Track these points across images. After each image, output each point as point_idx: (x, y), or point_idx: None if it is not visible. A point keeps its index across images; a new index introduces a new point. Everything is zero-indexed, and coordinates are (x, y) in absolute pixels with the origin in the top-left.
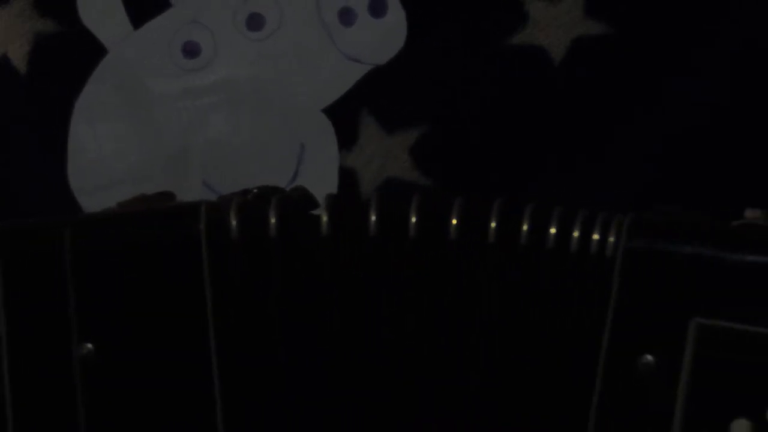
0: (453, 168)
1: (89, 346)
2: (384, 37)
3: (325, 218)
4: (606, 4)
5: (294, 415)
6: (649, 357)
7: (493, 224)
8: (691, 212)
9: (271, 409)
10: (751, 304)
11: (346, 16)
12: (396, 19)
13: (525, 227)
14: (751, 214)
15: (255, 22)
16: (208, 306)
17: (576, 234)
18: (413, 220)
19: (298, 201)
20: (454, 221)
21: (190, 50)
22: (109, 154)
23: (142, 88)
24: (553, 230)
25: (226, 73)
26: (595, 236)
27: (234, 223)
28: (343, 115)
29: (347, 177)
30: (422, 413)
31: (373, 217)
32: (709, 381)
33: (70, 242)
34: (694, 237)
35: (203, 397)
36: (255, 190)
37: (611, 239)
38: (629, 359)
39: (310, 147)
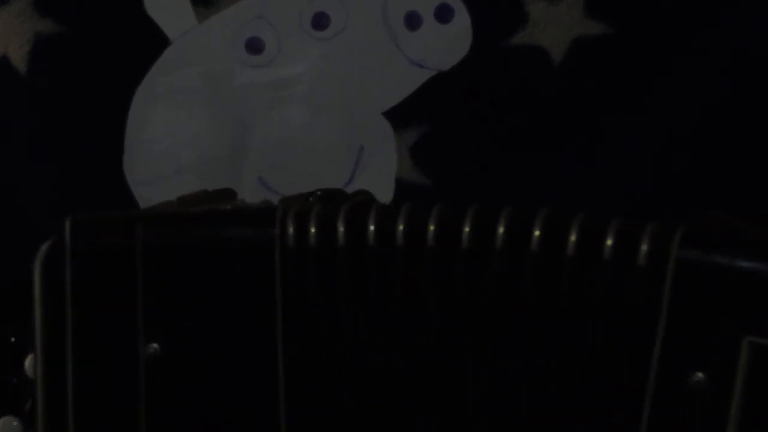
0: (453, 168)
1: (155, 346)
2: (449, 42)
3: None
4: (606, 5)
5: (351, 420)
6: (701, 374)
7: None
8: (735, 218)
9: (331, 416)
10: None
11: (412, 21)
12: (462, 25)
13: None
14: None
15: (320, 21)
16: (277, 311)
17: (625, 244)
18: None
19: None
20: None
21: (254, 46)
22: (166, 146)
23: (202, 81)
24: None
25: (289, 72)
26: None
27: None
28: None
29: None
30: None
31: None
32: (763, 401)
33: (143, 238)
34: (750, 251)
35: (267, 401)
36: (318, 193)
37: (659, 250)
38: (680, 376)
39: (369, 149)
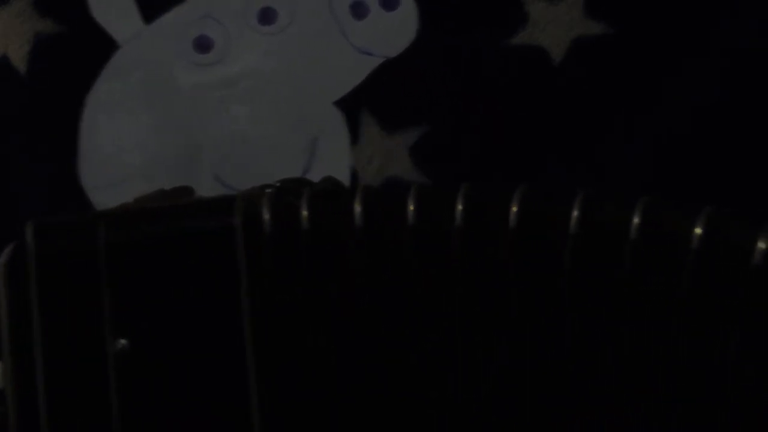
0: (453, 168)
1: (123, 341)
2: (396, 29)
3: (359, 208)
4: (606, 5)
5: (327, 409)
6: None
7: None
8: None
9: (307, 405)
10: None
11: (358, 10)
12: (407, 11)
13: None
14: None
15: (267, 16)
16: (243, 300)
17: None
18: (459, 208)
19: (333, 192)
20: (514, 208)
21: (203, 45)
22: (121, 150)
23: (153, 83)
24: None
25: (239, 68)
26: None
27: (267, 216)
28: (351, 111)
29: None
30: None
31: (412, 207)
32: None
33: (104, 237)
34: None
35: (238, 393)
36: (277, 184)
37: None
38: None
39: (323, 140)
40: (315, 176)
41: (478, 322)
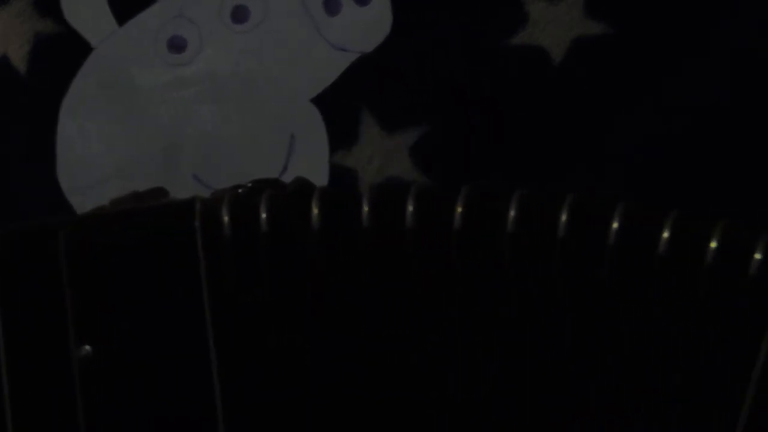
0: (453, 168)
1: (87, 347)
2: (370, 25)
3: (315, 211)
4: (606, 5)
5: (293, 411)
6: None
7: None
8: None
9: (271, 407)
10: None
11: (331, 6)
12: (381, 6)
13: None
14: None
15: (240, 14)
16: (205, 304)
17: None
18: (410, 209)
19: (293, 194)
20: (459, 209)
21: (176, 45)
22: (98, 152)
23: (129, 84)
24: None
25: (213, 67)
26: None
27: (226, 219)
28: (340, 111)
29: (347, 177)
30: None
31: (366, 208)
32: None
33: (65, 244)
34: None
35: (203, 396)
36: (249, 184)
37: None
38: None
39: (300, 137)
40: (296, 172)
41: (434, 321)
